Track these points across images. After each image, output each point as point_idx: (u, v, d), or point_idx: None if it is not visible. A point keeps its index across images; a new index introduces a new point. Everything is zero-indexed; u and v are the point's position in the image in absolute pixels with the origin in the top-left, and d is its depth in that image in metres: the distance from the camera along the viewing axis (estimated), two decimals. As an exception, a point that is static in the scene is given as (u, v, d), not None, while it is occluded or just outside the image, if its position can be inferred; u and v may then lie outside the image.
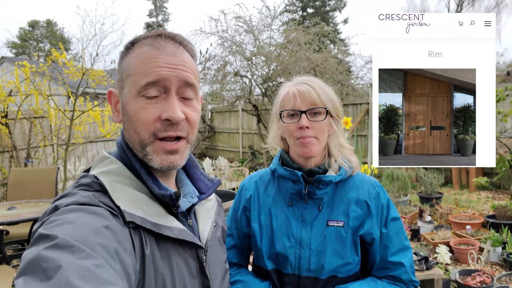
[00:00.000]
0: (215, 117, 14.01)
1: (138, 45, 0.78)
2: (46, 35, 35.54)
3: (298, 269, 1.18)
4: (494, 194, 6.87)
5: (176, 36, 0.79)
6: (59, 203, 0.67)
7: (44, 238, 0.57)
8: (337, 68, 8.81)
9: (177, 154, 0.77)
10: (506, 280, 3.34)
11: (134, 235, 0.69)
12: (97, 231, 0.60)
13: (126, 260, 0.62)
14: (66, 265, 0.52)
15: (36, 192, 4.22)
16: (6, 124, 6.08)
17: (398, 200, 5.48)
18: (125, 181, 0.76)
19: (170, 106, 0.74)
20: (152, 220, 0.72)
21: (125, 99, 0.77)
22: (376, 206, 1.20)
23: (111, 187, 0.72)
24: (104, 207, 0.67)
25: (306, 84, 1.18)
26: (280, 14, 9.64)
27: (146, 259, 0.69)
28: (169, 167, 0.77)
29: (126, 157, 0.79)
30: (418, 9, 21.84)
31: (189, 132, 0.79)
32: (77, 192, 0.71)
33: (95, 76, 6.15)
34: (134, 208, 0.71)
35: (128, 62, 0.77)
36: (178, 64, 0.76)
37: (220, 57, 9.25)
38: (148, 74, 0.73)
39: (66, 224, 0.60)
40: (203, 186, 0.91)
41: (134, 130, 0.76)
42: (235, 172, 8.41)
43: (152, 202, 0.76)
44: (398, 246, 1.20)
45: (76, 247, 0.55)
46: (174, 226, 0.76)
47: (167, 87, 0.75)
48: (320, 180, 1.18)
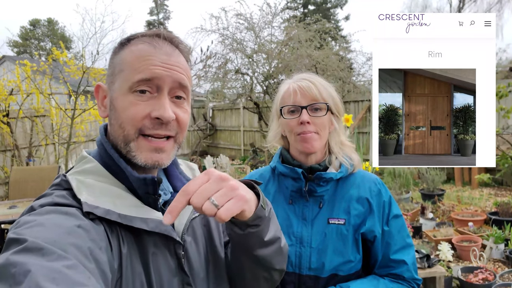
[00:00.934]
0: (217, 115, 14.00)
1: (134, 42, 0.77)
2: (47, 33, 35.56)
3: (299, 268, 1.17)
4: (497, 190, 6.84)
5: (174, 39, 0.79)
6: (34, 203, 0.67)
7: (14, 242, 0.56)
8: (339, 65, 8.77)
9: (163, 152, 0.75)
10: (509, 277, 3.33)
11: (111, 233, 0.68)
12: (69, 231, 0.60)
13: (101, 259, 0.61)
14: (35, 268, 0.51)
15: (38, 191, 4.22)
16: (7, 123, 6.09)
17: (400, 197, 5.47)
18: (100, 179, 0.74)
19: (161, 105, 0.73)
20: (122, 212, 0.70)
21: (114, 94, 0.76)
22: (377, 204, 1.19)
23: (77, 183, 0.71)
24: (76, 207, 0.66)
25: (306, 80, 1.18)
26: (281, 11, 9.59)
27: (123, 257, 0.68)
28: (154, 165, 0.75)
29: (105, 154, 0.77)
30: (420, 6, 21.72)
31: (178, 132, 0.78)
32: (52, 192, 0.71)
33: (96, 74, 6.15)
34: (101, 201, 0.69)
35: (122, 58, 0.76)
36: (173, 65, 0.75)
37: (221, 55, 9.23)
38: (142, 71, 0.73)
39: (36, 227, 0.59)
40: (179, 185, 0.88)
41: (119, 126, 0.74)
42: (236, 169, 8.42)
43: (127, 194, 0.74)
44: (400, 243, 1.19)
45: (46, 249, 0.54)
46: (151, 218, 0.73)
47: (160, 86, 0.74)
48: (320, 177, 1.17)
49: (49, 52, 7.95)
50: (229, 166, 7.93)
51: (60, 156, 6.59)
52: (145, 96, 0.73)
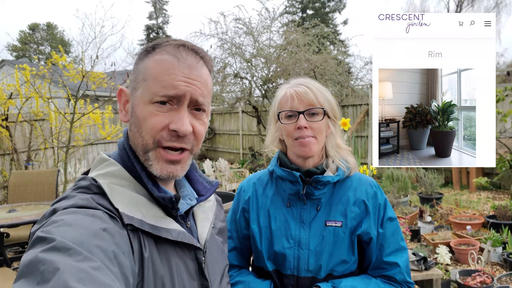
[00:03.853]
0: (216, 118, 14.01)
1: (159, 50, 0.78)
2: (47, 38, 35.59)
3: (297, 270, 1.18)
4: (495, 194, 6.86)
5: (199, 50, 0.80)
6: (57, 206, 0.67)
7: (42, 240, 0.57)
8: (337, 69, 8.81)
9: (178, 164, 0.78)
10: (507, 280, 3.34)
11: (133, 237, 0.69)
12: (95, 234, 0.60)
13: (124, 263, 0.62)
14: (63, 267, 0.52)
15: (37, 195, 4.23)
16: (6, 127, 6.10)
17: (398, 201, 5.47)
18: (124, 183, 0.76)
19: (180, 118, 0.75)
20: (151, 223, 0.73)
21: (136, 101, 0.77)
22: (373, 206, 1.21)
23: (109, 189, 0.72)
24: (102, 210, 0.67)
25: (303, 85, 1.19)
26: (279, 16, 9.65)
27: (145, 261, 0.69)
28: (168, 177, 0.77)
29: (127, 158, 0.79)
30: (417, 10, 21.84)
31: (194, 145, 0.80)
32: (75, 195, 0.71)
33: (95, 78, 6.16)
34: (132, 210, 0.72)
35: (147, 66, 0.77)
36: (195, 80, 0.76)
37: (220, 59, 9.26)
38: (165, 86, 0.74)
39: (63, 227, 0.60)
40: (201, 188, 0.92)
41: (139, 134, 0.76)
42: (235, 173, 8.42)
43: (151, 204, 0.77)
44: (394, 246, 1.20)
45: (73, 250, 0.55)
46: (173, 229, 0.76)
47: (180, 100, 0.75)
48: (318, 181, 1.19)
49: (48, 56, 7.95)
50: (228, 170, 7.92)
51: (59, 160, 6.58)
52: (165, 108, 0.75)
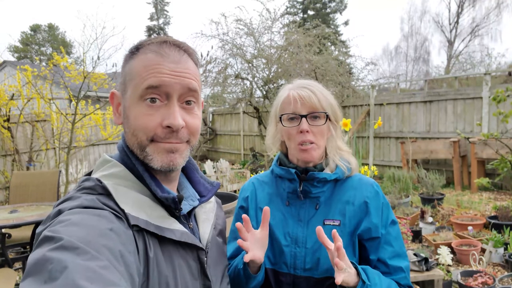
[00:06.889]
0: (217, 119, 14.03)
1: (142, 50, 0.78)
2: (48, 39, 35.64)
3: (294, 268, 1.17)
4: (496, 195, 6.85)
5: (181, 44, 0.80)
6: (62, 206, 0.67)
7: (49, 239, 0.58)
8: (338, 70, 8.81)
9: (176, 152, 0.78)
10: (508, 281, 3.33)
11: (138, 237, 0.70)
12: (102, 233, 0.61)
13: (130, 263, 0.62)
14: (71, 266, 0.52)
15: (38, 196, 4.23)
16: (8, 128, 6.11)
17: (400, 202, 5.47)
18: (128, 184, 0.77)
19: (171, 113, 0.75)
20: (155, 223, 0.74)
21: (127, 103, 0.78)
22: (375, 206, 1.19)
23: (114, 190, 0.73)
24: (108, 210, 0.68)
25: (306, 88, 1.18)
26: (280, 17, 9.64)
27: (150, 261, 0.70)
28: (169, 166, 0.77)
29: (128, 160, 0.80)
30: (419, 11, 21.83)
31: (190, 138, 0.80)
32: (80, 195, 0.71)
33: (96, 79, 6.17)
34: (137, 211, 0.72)
35: (132, 67, 0.78)
36: (182, 72, 0.77)
37: (221, 60, 9.27)
38: (149, 78, 0.74)
39: (71, 226, 0.60)
40: (203, 189, 0.92)
41: (132, 134, 0.77)
42: (236, 174, 8.42)
43: (155, 205, 0.77)
44: (398, 250, 1.19)
45: (81, 249, 0.56)
46: (177, 229, 0.77)
47: (169, 94, 0.76)
48: (314, 177, 1.18)
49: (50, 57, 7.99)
50: (229, 171, 7.92)
51: (60, 160, 6.59)
52: (156, 105, 0.75)
